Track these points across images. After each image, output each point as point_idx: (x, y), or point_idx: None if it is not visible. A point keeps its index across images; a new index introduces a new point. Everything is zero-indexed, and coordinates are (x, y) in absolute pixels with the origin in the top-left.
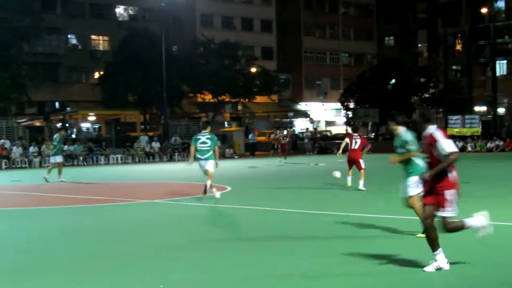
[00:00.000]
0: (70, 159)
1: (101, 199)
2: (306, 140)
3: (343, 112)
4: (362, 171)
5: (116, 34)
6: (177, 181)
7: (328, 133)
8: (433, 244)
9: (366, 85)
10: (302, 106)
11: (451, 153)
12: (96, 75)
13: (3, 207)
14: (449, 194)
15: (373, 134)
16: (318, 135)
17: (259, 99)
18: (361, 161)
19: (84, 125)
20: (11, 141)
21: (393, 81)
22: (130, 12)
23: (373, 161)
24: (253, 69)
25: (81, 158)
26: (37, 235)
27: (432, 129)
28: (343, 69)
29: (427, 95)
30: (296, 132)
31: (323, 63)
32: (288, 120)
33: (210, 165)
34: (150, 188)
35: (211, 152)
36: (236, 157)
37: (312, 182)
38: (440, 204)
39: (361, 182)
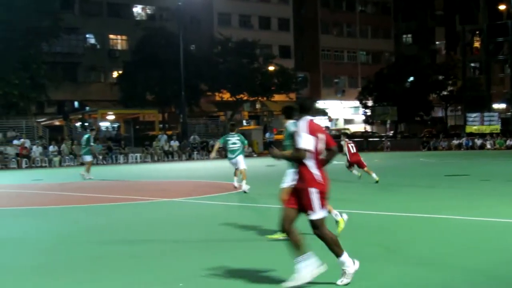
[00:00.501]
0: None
1: (120, 197)
2: None
3: (361, 110)
4: (366, 168)
5: (134, 34)
6: (196, 179)
7: (347, 131)
8: (299, 250)
9: (384, 83)
10: (320, 104)
11: (299, 150)
12: (115, 74)
13: (24, 206)
14: (313, 192)
15: (392, 132)
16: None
17: (277, 97)
18: (362, 159)
19: (103, 124)
20: (31, 140)
21: (411, 78)
22: (148, 11)
23: (393, 159)
24: (271, 68)
25: (100, 157)
26: (57, 234)
27: (305, 120)
28: (360, 67)
29: (445, 93)
30: None
31: (340, 61)
32: None
33: (242, 163)
34: (169, 187)
35: (240, 150)
36: (254, 155)
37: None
38: (305, 205)
39: (374, 175)
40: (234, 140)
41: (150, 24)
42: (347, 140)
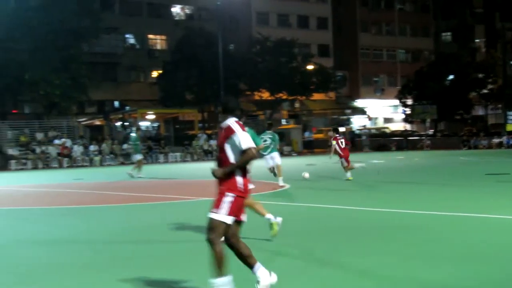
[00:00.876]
0: (129, 158)
1: (161, 197)
2: (364, 137)
3: (400, 109)
4: (350, 165)
5: (173, 33)
6: None
7: (387, 130)
8: (246, 262)
9: (423, 82)
10: (359, 103)
11: (249, 149)
12: (154, 74)
13: (66, 205)
14: (228, 196)
15: (432, 130)
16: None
17: (316, 96)
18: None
19: (143, 124)
20: (72, 140)
21: (451, 77)
22: (187, 11)
23: (433, 158)
24: (310, 67)
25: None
26: (100, 232)
27: (231, 121)
28: (400, 65)
29: (485, 91)
30: (354, 129)
31: (379, 60)
32: (345, 117)
33: (277, 158)
34: (209, 186)
35: (272, 147)
36: (294, 154)
37: (370, 179)
38: (215, 203)
39: (349, 174)
40: (266, 138)
41: (189, 24)
42: (337, 135)
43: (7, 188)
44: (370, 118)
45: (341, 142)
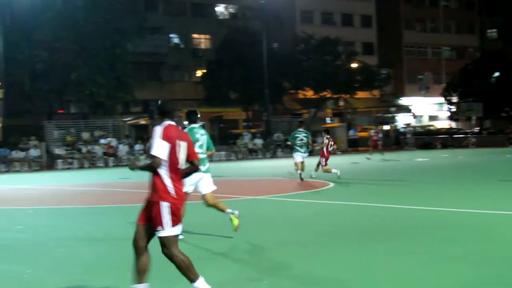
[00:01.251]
0: None
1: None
2: (408, 136)
3: (446, 106)
4: (325, 167)
5: (217, 32)
6: (280, 177)
7: (432, 128)
8: (138, 276)
9: (468, 79)
10: (404, 101)
11: (153, 156)
12: (198, 73)
13: (112, 204)
14: (164, 206)
15: (478, 128)
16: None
17: (360, 94)
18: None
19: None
20: (117, 139)
21: (497, 74)
22: (231, 10)
23: (478, 155)
24: (354, 65)
25: None
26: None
27: (163, 125)
28: (445, 63)
29: None
30: (398, 128)
31: (424, 57)
32: (390, 115)
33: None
34: (255, 185)
35: (306, 145)
36: (338, 152)
37: (418, 177)
38: (155, 220)
39: (314, 173)
40: (302, 137)
41: (233, 23)
42: (328, 137)
43: (54, 187)
44: (415, 116)
45: (331, 144)
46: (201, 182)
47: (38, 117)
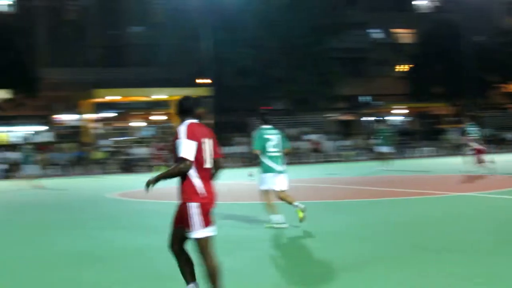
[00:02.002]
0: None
1: (413, 192)
2: None
3: None
4: None
5: (419, 26)
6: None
7: None
8: (184, 276)
9: None
10: None
11: (182, 159)
12: (401, 68)
13: (325, 199)
14: (193, 207)
15: None
16: None
17: None
18: None
19: (393, 118)
20: (323, 135)
21: None
22: (432, 3)
23: None
24: None
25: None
26: (364, 227)
27: (185, 124)
28: None
29: None
30: None
31: None
32: None
33: None
34: (459, 181)
35: None
36: None
37: None
38: (185, 222)
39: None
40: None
41: (435, 16)
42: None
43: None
44: None
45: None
46: (277, 180)
47: (244, 113)
